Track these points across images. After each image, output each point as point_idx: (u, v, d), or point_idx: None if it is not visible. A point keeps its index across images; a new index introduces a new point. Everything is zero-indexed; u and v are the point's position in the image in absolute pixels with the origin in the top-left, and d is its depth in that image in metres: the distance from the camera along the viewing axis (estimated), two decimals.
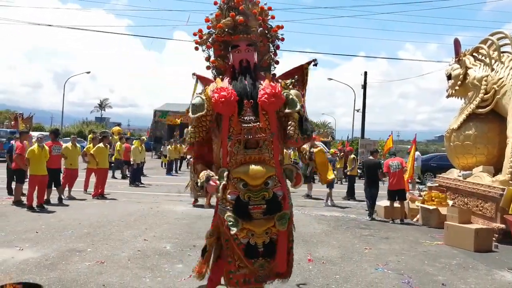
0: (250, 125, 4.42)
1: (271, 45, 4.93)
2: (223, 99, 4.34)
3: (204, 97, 4.55)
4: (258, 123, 4.42)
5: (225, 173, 4.38)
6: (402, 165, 12.72)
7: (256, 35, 4.71)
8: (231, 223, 4.28)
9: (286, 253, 4.57)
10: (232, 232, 4.27)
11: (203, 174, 4.45)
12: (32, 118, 37.82)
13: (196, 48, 4.92)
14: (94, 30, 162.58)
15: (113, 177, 21.23)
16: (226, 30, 4.68)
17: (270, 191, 4.37)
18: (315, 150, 5.57)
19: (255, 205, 4.32)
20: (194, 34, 4.88)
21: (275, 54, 4.98)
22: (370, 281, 6.79)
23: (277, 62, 5.00)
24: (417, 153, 22.71)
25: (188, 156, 15.50)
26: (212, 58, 4.94)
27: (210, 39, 4.83)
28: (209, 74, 5.11)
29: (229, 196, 4.36)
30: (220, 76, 4.83)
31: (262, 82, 4.57)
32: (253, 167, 4.36)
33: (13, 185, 13.30)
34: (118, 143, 21.49)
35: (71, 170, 14.16)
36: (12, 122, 34.04)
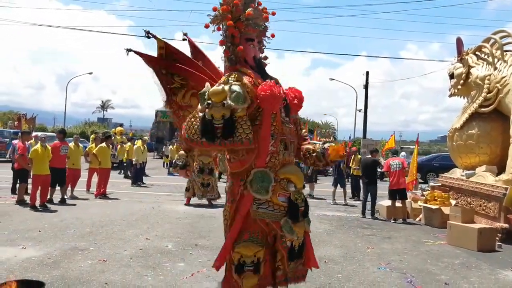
0: (290, 126, 4.45)
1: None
2: (274, 94, 4.13)
3: (243, 87, 4.18)
4: (291, 125, 4.48)
5: (272, 175, 4.22)
6: (403, 165, 12.70)
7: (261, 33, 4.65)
8: (288, 228, 4.21)
9: None
10: (289, 238, 4.23)
11: (182, 157, 4.40)
12: (36, 119, 37.96)
13: (207, 26, 4.50)
14: (96, 31, 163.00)
15: (125, 176, 21.70)
16: (244, 19, 4.43)
17: (303, 193, 4.41)
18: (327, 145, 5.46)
19: (300, 207, 4.32)
20: (214, 9, 4.49)
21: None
22: (373, 280, 6.77)
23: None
24: (403, 153, 22.74)
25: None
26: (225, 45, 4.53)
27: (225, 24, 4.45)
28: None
29: (279, 198, 4.25)
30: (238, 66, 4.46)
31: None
32: (296, 168, 4.41)
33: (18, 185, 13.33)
34: (129, 143, 21.30)
35: (74, 170, 14.16)
36: (16, 123, 34.19)
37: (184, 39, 5.39)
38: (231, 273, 4.35)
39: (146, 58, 5.00)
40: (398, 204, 12.55)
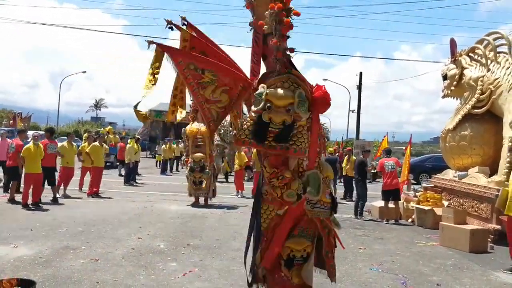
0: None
1: None
2: (329, 99, 4.14)
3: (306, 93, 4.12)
4: None
5: (321, 175, 4.32)
6: (397, 165, 12.72)
7: None
8: (337, 222, 4.64)
9: None
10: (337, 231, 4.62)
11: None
12: (31, 118, 37.99)
13: (261, 23, 4.15)
14: (90, 30, 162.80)
15: (163, 173, 24.37)
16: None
17: None
18: None
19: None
20: (271, 7, 4.04)
21: None
22: (365, 280, 6.78)
23: None
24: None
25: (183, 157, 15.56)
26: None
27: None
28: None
29: (327, 196, 4.37)
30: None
31: None
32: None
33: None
34: (135, 145, 20.89)
35: (68, 168, 14.12)
36: (11, 121, 34.22)
37: (183, 24, 5.25)
38: (279, 269, 4.43)
39: (171, 52, 4.87)
40: (391, 205, 12.57)
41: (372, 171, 14.83)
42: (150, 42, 4.98)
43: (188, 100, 7.46)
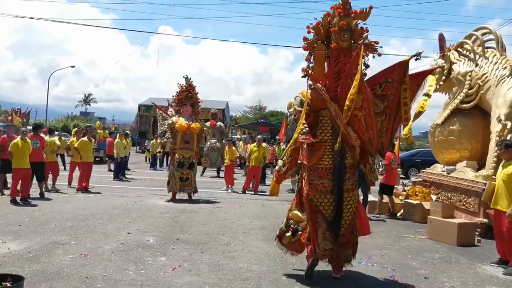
0: None
1: None
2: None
3: None
4: None
5: None
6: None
7: None
8: None
9: None
10: None
11: None
12: (30, 114, 38.18)
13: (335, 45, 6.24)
14: (79, 24, 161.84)
15: (153, 168, 24.83)
16: None
17: None
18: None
19: None
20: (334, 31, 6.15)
21: None
22: (354, 274, 6.81)
23: None
24: None
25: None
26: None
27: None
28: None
29: None
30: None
31: None
32: None
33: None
34: (123, 140, 20.74)
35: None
36: (9, 117, 34.36)
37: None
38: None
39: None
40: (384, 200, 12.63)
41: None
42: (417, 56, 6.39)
43: None
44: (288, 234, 6.61)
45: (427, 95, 7.12)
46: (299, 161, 6.57)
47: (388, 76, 6.35)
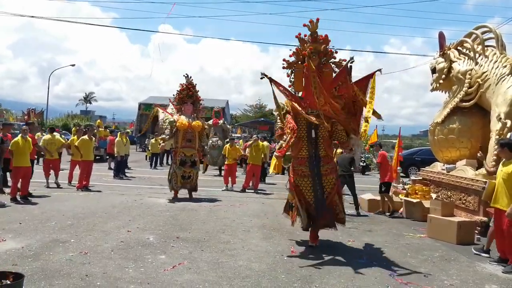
0: None
1: None
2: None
3: None
4: None
5: None
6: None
7: None
8: None
9: None
10: None
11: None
12: (43, 113, 40.91)
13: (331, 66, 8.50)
14: (80, 22, 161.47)
15: (154, 168, 24.73)
16: None
17: None
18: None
19: None
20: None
21: None
22: (353, 273, 6.81)
23: None
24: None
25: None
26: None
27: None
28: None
29: None
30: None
31: None
32: None
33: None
34: (123, 139, 20.73)
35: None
36: (25, 117, 35.72)
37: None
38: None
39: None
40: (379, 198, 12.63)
41: (362, 164, 14.84)
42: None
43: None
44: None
45: (366, 120, 8.34)
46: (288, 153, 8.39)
47: (339, 80, 8.15)
